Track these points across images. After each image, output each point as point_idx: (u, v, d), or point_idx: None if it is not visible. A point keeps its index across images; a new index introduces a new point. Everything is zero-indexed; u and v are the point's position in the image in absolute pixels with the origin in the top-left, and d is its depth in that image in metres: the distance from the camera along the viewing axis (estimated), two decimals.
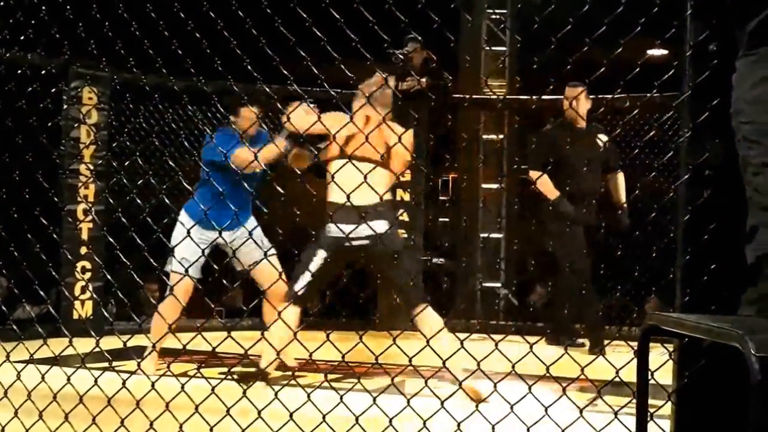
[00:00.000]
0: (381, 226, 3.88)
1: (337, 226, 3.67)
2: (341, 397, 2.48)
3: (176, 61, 2.87)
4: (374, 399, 2.45)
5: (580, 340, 5.64)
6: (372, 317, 6.58)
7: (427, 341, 2.50)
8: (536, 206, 5.95)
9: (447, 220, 8.09)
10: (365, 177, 2.73)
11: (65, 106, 6.16)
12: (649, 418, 1.87)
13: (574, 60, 2.40)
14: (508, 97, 7.58)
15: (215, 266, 4.43)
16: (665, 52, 7.52)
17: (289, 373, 4.18)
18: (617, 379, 2.21)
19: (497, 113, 7.71)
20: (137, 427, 2.61)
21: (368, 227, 3.78)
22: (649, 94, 5.32)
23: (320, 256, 3.98)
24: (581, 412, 2.22)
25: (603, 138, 5.75)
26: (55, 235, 3.75)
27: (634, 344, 1.86)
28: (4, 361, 2.98)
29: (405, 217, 6.91)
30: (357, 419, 2.42)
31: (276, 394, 2.54)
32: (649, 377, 1.86)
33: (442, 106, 7.21)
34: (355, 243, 3.82)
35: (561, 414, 2.27)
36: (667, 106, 5.96)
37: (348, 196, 2.87)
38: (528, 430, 2.24)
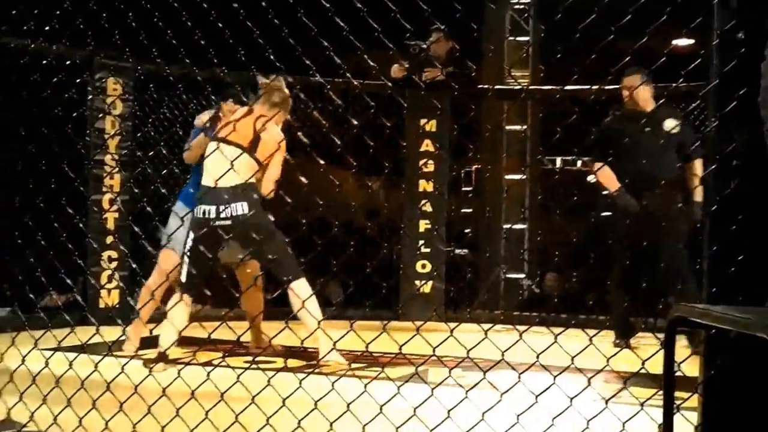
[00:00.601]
0: (242, 207, 4.14)
1: (202, 206, 4.14)
2: (365, 386, 2.48)
3: (200, 52, 2.88)
4: (398, 388, 2.45)
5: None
6: (395, 308, 6.58)
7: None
8: (591, 197, 5.74)
9: (470, 210, 8.08)
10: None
11: (90, 97, 6.20)
12: (675, 410, 1.86)
13: (599, 49, 2.38)
14: (531, 87, 7.55)
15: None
16: (692, 41, 7.46)
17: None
18: (643, 370, 2.20)
19: (520, 103, 7.68)
20: (163, 414, 2.63)
21: (230, 208, 4.11)
22: (675, 84, 5.25)
23: (190, 238, 4.23)
24: (606, 403, 2.21)
25: (672, 122, 5.38)
26: (81, 225, 3.78)
27: (661, 335, 1.84)
28: (33, 349, 3.01)
29: (428, 208, 6.90)
30: (381, 408, 2.43)
31: (300, 382, 2.55)
32: (676, 369, 1.85)
33: (465, 97, 7.19)
34: (218, 223, 4.13)
35: (586, 405, 2.27)
36: (693, 95, 5.90)
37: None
38: (552, 421, 2.24)
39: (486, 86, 7.30)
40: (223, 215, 4.15)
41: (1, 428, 2.93)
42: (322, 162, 4.26)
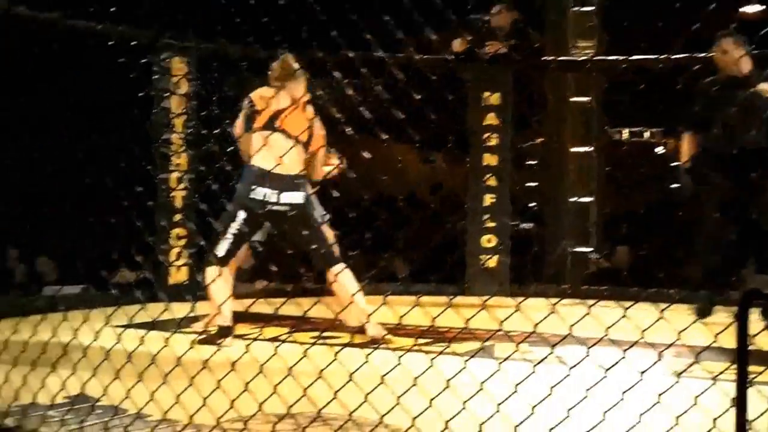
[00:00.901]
0: (298, 196, 4.30)
1: (261, 189, 4.21)
2: (432, 361, 2.48)
3: (262, 31, 2.88)
4: (465, 362, 2.44)
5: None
6: (461, 283, 6.56)
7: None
8: (659, 168, 5.58)
9: (535, 184, 7.98)
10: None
11: (155, 77, 6.28)
12: (749, 384, 1.81)
13: (666, 18, 2.32)
14: (596, 57, 7.39)
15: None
16: (762, 7, 7.23)
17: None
18: (716, 344, 2.15)
19: (585, 74, 7.54)
20: (233, 388, 2.67)
21: (289, 195, 4.26)
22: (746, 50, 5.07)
23: (240, 216, 4.28)
24: (678, 377, 2.17)
25: None
26: (150, 203, 3.85)
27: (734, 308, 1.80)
28: (105, 326, 3.08)
29: (492, 182, 6.84)
30: (448, 382, 2.42)
31: (367, 357, 2.55)
32: (749, 342, 1.80)
33: (529, 69, 7.08)
34: (275, 208, 4.25)
35: (656, 380, 2.23)
36: (765, 61, 5.71)
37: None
38: (623, 395, 2.20)
39: (549, 58, 7.18)
40: (282, 200, 4.27)
41: (75, 402, 3.02)
42: (385, 137, 4.26)
